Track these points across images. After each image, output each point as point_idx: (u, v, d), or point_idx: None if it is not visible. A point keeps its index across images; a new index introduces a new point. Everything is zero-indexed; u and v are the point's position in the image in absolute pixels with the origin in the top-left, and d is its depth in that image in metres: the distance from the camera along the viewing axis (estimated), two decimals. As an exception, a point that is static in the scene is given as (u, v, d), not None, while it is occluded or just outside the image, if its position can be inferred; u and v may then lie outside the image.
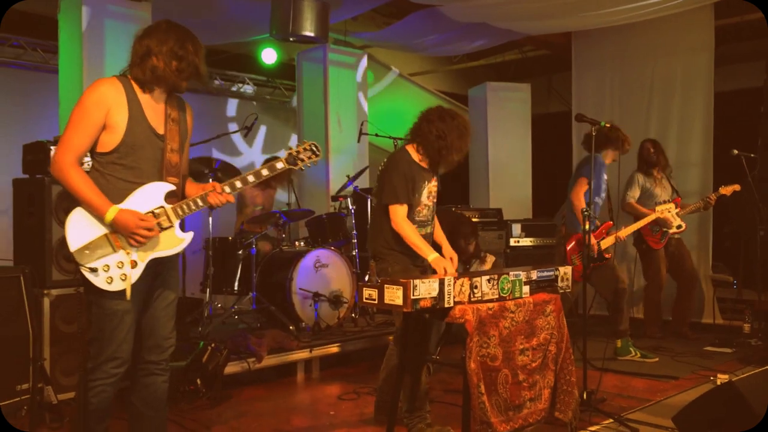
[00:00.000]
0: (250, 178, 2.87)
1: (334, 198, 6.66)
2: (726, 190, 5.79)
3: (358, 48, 7.95)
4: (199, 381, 4.30)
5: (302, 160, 2.94)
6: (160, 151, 2.75)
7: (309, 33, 5.59)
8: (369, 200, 6.06)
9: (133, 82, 2.73)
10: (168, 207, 2.74)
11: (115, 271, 2.66)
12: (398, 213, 3.51)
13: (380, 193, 3.61)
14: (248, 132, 6.00)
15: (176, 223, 2.77)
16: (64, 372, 4.02)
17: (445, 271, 3.36)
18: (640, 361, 5.30)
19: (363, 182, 6.49)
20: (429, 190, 3.65)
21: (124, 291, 2.67)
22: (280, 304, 5.42)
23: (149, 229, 2.67)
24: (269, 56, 7.81)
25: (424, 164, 3.63)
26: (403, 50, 8.43)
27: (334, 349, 5.21)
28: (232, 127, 8.19)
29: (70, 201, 2.74)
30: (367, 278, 5.97)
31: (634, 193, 5.90)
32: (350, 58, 7.69)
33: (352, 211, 6.13)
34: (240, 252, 5.69)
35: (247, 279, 5.63)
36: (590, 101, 7.59)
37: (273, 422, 4.02)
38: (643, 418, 3.84)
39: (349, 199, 6.22)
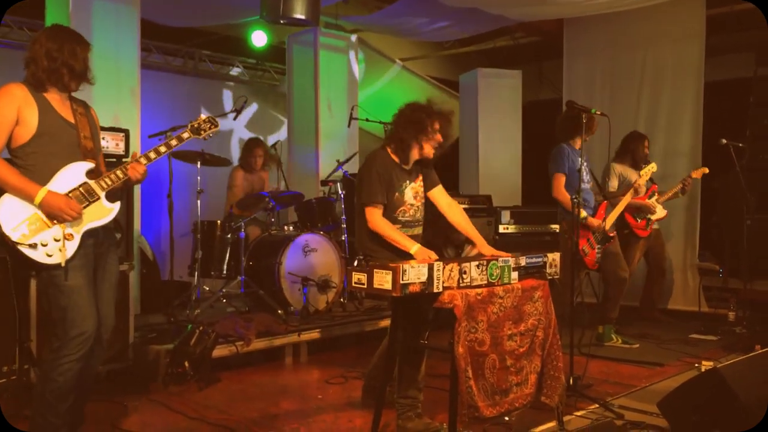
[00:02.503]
0: (162, 149, 3.13)
1: (324, 183, 6.64)
2: (696, 174, 5.85)
3: (349, 32, 7.90)
4: (187, 364, 4.30)
5: (204, 130, 3.30)
6: (75, 138, 2.97)
7: (300, 15, 5.53)
8: (358, 195, 6.03)
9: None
10: (91, 181, 2.96)
11: (53, 245, 2.84)
12: (373, 214, 3.46)
13: (358, 193, 3.58)
14: (237, 115, 5.95)
15: (102, 194, 2.98)
16: (50, 354, 4.00)
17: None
18: (626, 348, 5.35)
19: (353, 167, 6.47)
20: (414, 191, 3.60)
21: (64, 263, 2.83)
22: (269, 288, 5.42)
23: (76, 210, 2.87)
24: (259, 39, 7.74)
25: (403, 164, 3.58)
26: (395, 35, 8.38)
27: (322, 333, 5.22)
28: (222, 110, 8.13)
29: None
30: (355, 263, 5.98)
31: (613, 183, 5.85)
32: (341, 41, 7.63)
33: (342, 195, 6.12)
34: (229, 236, 5.67)
35: (235, 263, 5.62)
36: (581, 89, 7.59)
37: (261, 405, 4.03)
38: (629, 404, 3.88)
39: (338, 184, 6.21)
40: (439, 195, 3.74)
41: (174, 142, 3.17)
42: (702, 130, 6.79)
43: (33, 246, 2.80)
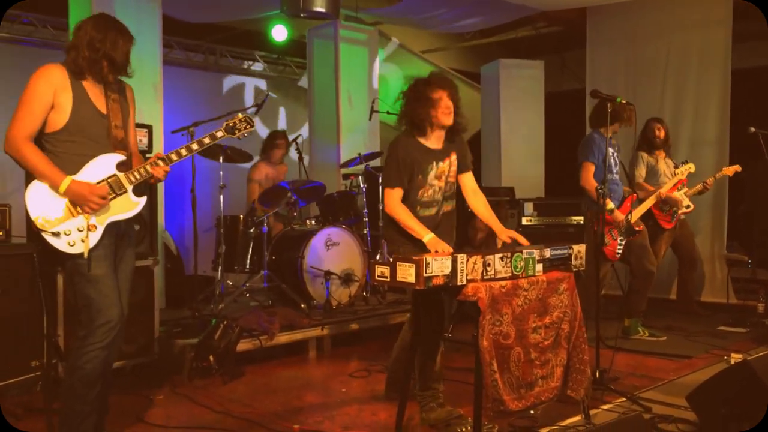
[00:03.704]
0: (194, 146, 3.11)
1: (345, 176, 6.64)
2: (728, 170, 5.74)
3: (369, 24, 7.87)
4: (211, 358, 4.33)
5: (239, 130, 3.24)
6: (105, 129, 2.96)
7: (320, 9, 5.53)
8: (380, 179, 6.03)
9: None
10: (120, 174, 2.96)
11: (76, 235, 2.87)
12: (391, 197, 3.46)
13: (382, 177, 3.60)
14: (258, 110, 5.96)
15: (130, 188, 2.98)
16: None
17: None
18: (652, 340, 5.28)
19: (375, 161, 6.45)
20: (441, 170, 3.55)
21: (87, 253, 2.85)
22: (292, 282, 5.43)
23: (102, 197, 2.88)
24: (279, 33, 7.74)
25: (431, 144, 3.55)
26: (415, 27, 8.34)
27: (345, 327, 5.22)
28: (243, 105, 8.16)
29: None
30: (378, 256, 5.98)
31: (641, 172, 5.77)
32: (361, 34, 7.61)
33: (363, 189, 6.11)
34: (251, 230, 5.69)
35: (258, 257, 5.64)
36: (604, 78, 7.48)
37: (285, 398, 4.04)
38: (656, 397, 3.83)
39: (360, 178, 6.20)
40: (467, 180, 3.71)
41: (207, 140, 3.13)
42: (729, 118, 6.67)
43: (56, 234, 2.83)
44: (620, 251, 5.10)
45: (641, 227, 5.13)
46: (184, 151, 3.06)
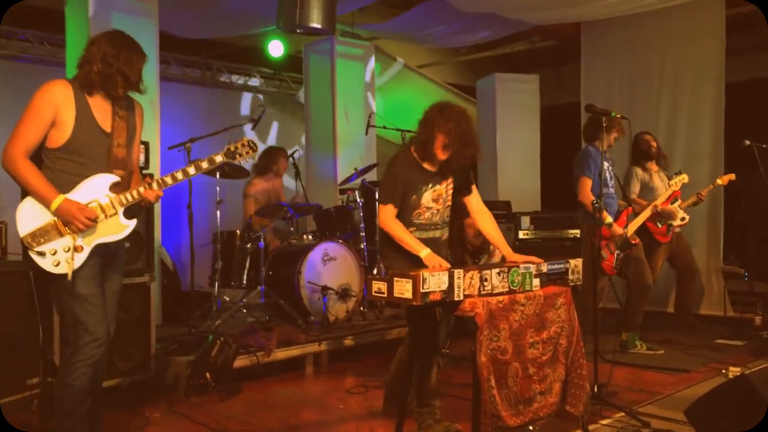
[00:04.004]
0: (191, 170, 3.07)
1: (342, 191, 6.64)
2: (723, 180, 5.76)
3: (365, 40, 7.91)
4: (208, 375, 4.31)
5: (240, 155, 3.19)
6: (106, 148, 2.96)
7: (316, 24, 5.55)
8: (377, 193, 6.04)
9: (79, 85, 2.94)
10: (112, 196, 2.95)
11: (62, 255, 2.86)
12: (385, 213, 3.47)
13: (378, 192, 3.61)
14: (256, 124, 5.98)
15: (120, 210, 2.97)
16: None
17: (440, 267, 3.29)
18: (650, 354, 5.27)
19: (371, 175, 6.46)
20: (437, 193, 3.55)
21: (72, 272, 2.85)
22: (289, 297, 5.42)
23: (90, 219, 2.86)
24: (276, 49, 7.78)
25: (430, 167, 3.55)
26: (411, 42, 8.38)
27: (342, 342, 5.20)
28: (240, 120, 8.17)
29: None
30: (375, 271, 5.97)
31: (635, 188, 5.75)
32: (357, 50, 7.65)
33: (360, 204, 6.11)
34: (248, 246, 5.68)
35: (255, 273, 5.63)
36: (599, 92, 7.53)
37: (283, 415, 4.02)
38: (655, 412, 3.82)
39: (356, 192, 6.20)
40: (472, 201, 3.72)
41: (205, 165, 3.09)
42: (724, 131, 6.70)
43: (41, 254, 2.84)
44: (618, 265, 5.11)
45: (637, 240, 5.14)
46: (179, 175, 3.04)
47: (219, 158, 3.14)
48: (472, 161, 3.70)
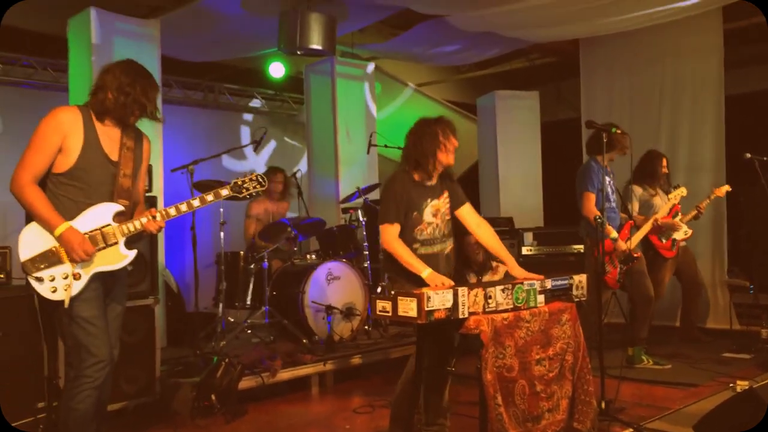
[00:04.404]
0: (195, 203, 3.07)
1: (345, 210, 6.65)
2: (719, 192, 5.75)
3: (365, 59, 7.96)
4: (213, 397, 4.29)
5: (247, 189, 3.20)
6: (111, 176, 2.98)
7: (316, 46, 5.60)
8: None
9: (90, 111, 2.96)
10: (115, 225, 2.97)
11: (60, 282, 2.88)
12: (387, 233, 3.46)
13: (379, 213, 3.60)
14: (258, 146, 6.01)
15: (122, 240, 2.98)
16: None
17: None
18: (657, 369, 5.24)
19: (374, 196, 6.48)
20: (435, 208, 3.56)
21: (69, 299, 2.85)
22: (293, 317, 5.41)
23: (88, 253, 2.87)
24: (277, 70, 7.84)
25: (426, 182, 3.57)
26: (411, 61, 8.44)
27: (348, 361, 5.18)
28: (242, 141, 8.21)
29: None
30: (379, 290, 5.96)
31: (634, 207, 5.69)
32: (358, 70, 7.70)
33: (363, 223, 6.12)
34: (252, 266, 5.68)
35: (259, 293, 5.63)
36: (599, 107, 7.55)
37: (288, 437, 4.00)
38: (663, 427, 3.80)
39: (359, 211, 6.21)
40: (468, 214, 3.70)
41: (210, 198, 3.09)
42: (725, 144, 6.71)
43: (39, 279, 2.85)
44: (621, 279, 5.10)
45: (639, 254, 5.14)
46: (183, 207, 3.06)
47: (225, 192, 3.14)
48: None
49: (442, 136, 3.50)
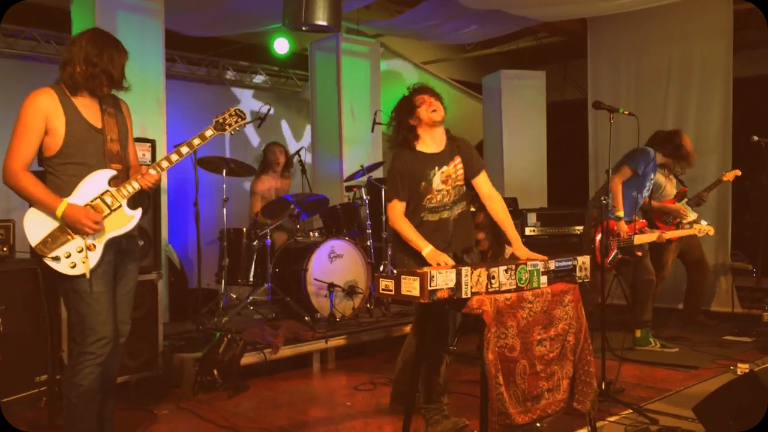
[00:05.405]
0: (184, 150, 3.05)
1: (348, 188, 6.64)
2: (728, 176, 5.73)
3: (370, 37, 7.90)
4: (215, 372, 4.32)
5: (230, 125, 3.19)
6: (101, 144, 2.96)
7: (321, 22, 5.54)
8: (383, 190, 6.04)
9: (63, 87, 2.93)
10: (113, 189, 2.95)
11: (76, 256, 2.86)
12: (393, 210, 3.48)
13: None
14: (261, 123, 5.98)
15: (124, 202, 2.97)
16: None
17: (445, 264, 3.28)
18: (658, 351, 5.25)
19: (377, 173, 6.46)
20: (446, 174, 3.53)
21: (89, 274, 2.86)
22: (295, 294, 5.42)
23: (96, 222, 2.87)
24: (282, 46, 7.77)
25: (431, 149, 3.54)
26: (416, 38, 8.37)
27: (349, 339, 5.21)
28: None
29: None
30: (381, 268, 5.97)
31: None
32: (363, 47, 7.64)
33: (366, 201, 6.11)
34: (255, 243, 5.69)
35: (262, 270, 5.63)
36: (606, 88, 7.50)
37: (290, 413, 4.02)
38: (663, 409, 3.81)
39: (363, 189, 6.20)
40: (482, 183, 3.65)
41: (197, 141, 3.09)
42: (732, 127, 6.66)
43: (56, 258, 2.83)
44: (613, 262, 5.08)
45: (640, 254, 5.14)
46: (174, 156, 3.04)
47: (209, 132, 3.13)
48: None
49: (416, 95, 3.55)
